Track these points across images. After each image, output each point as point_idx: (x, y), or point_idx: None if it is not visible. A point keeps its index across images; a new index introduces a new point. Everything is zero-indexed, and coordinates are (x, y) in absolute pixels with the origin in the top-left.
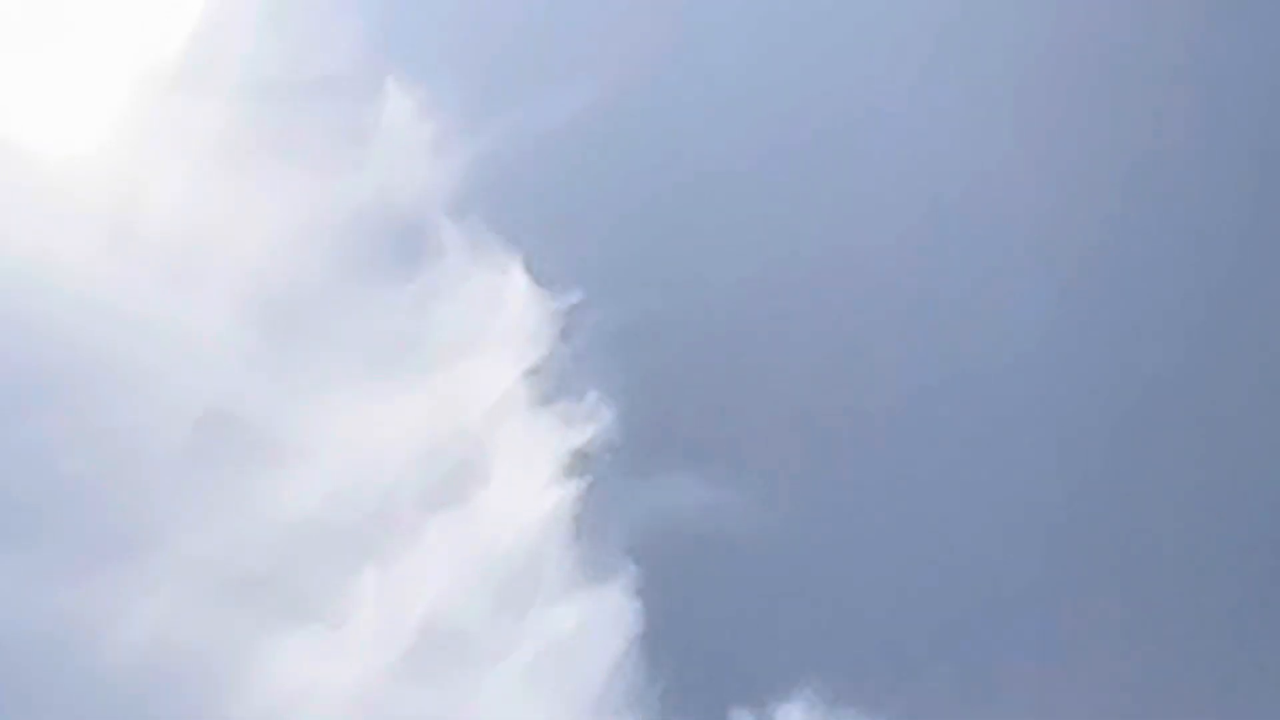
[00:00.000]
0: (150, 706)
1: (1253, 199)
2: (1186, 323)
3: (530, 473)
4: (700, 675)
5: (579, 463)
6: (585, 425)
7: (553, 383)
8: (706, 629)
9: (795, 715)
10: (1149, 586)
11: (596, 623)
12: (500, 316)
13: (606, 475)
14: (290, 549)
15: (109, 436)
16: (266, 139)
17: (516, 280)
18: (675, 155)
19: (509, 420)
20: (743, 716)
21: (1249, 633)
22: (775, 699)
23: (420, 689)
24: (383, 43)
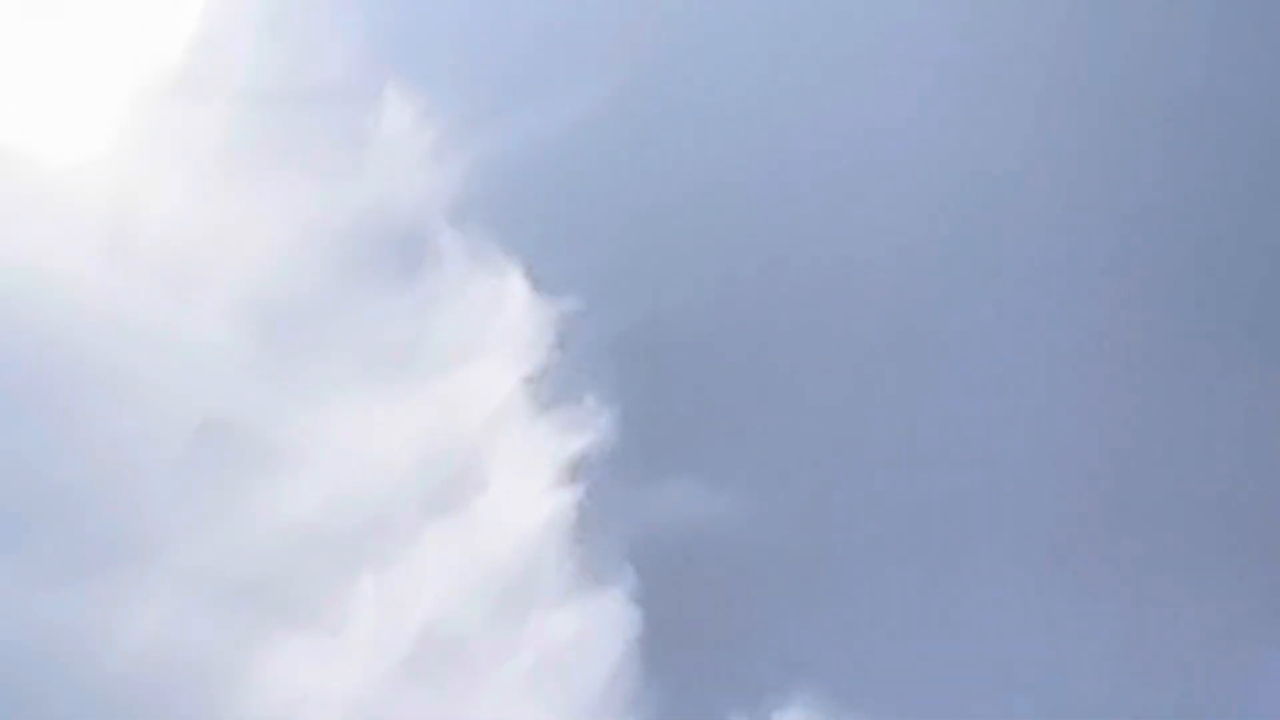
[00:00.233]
0: (148, 714)
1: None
2: (1203, 333)
3: (529, 478)
4: (699, 681)
5: (578, 469)
6: (584, 431)
7: (552, 389)
8: (705, 635)
9: None
10: (1152, 592)
11: (595, 628)
12: (499, 323)
13: (605, 481)
14: (288, 555)
15: (107, 443)
16: (266, 145)
17: (515, 287)
18: (675, 162)
19: (508, 426)
20: None
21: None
22: (773, 705)
23: (419, 695)
24: (382, 49)
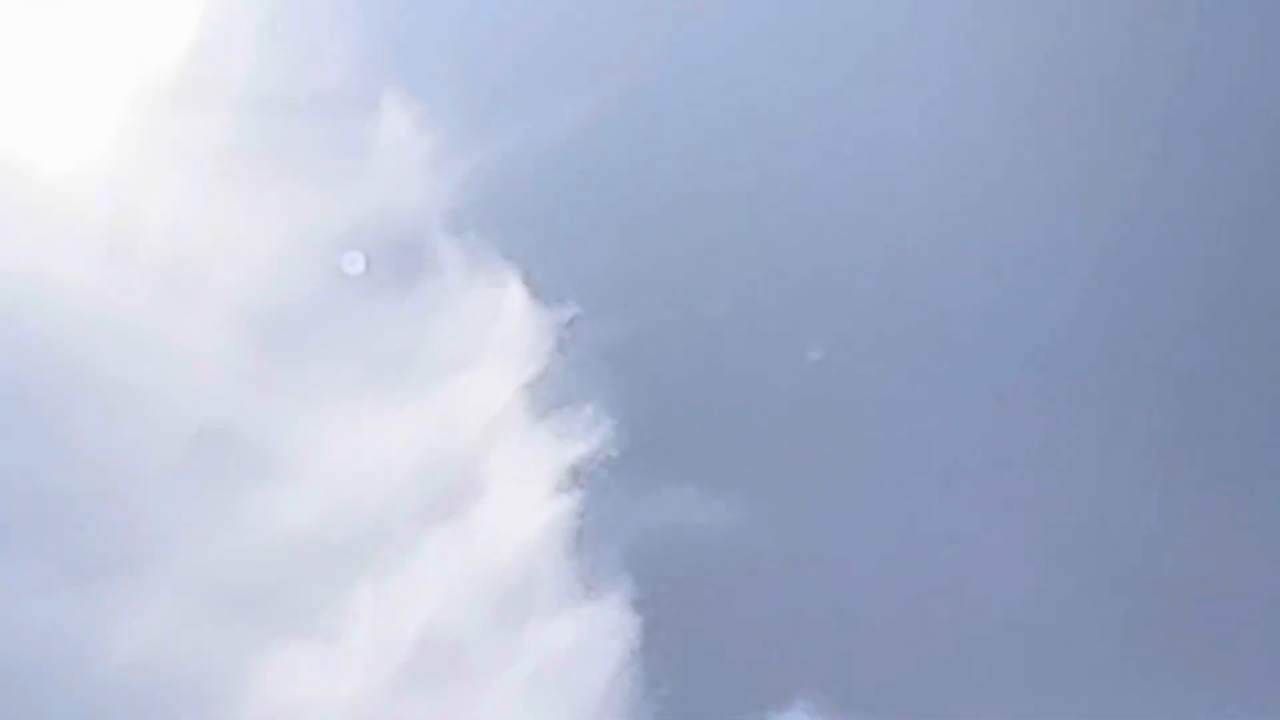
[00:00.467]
0: None
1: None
2: (1208, 350)
3: (528, 486)
4: (699, 688)
5: (577, 476)
6: (583, 439)
7: (551, 396)
8: (705, 642)
9: None
10: (1155, 603)
11: (594, 636)
12: (498, 330)
13: (604, 489)
14: (286, 562)
15: (104, 451)
16: (264, 153)
17: (514, 294)
18: (675, 170)
19: (506, 433)
20: None
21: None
22: (774, 712)
23: (417, 702)
24: (380, 57)
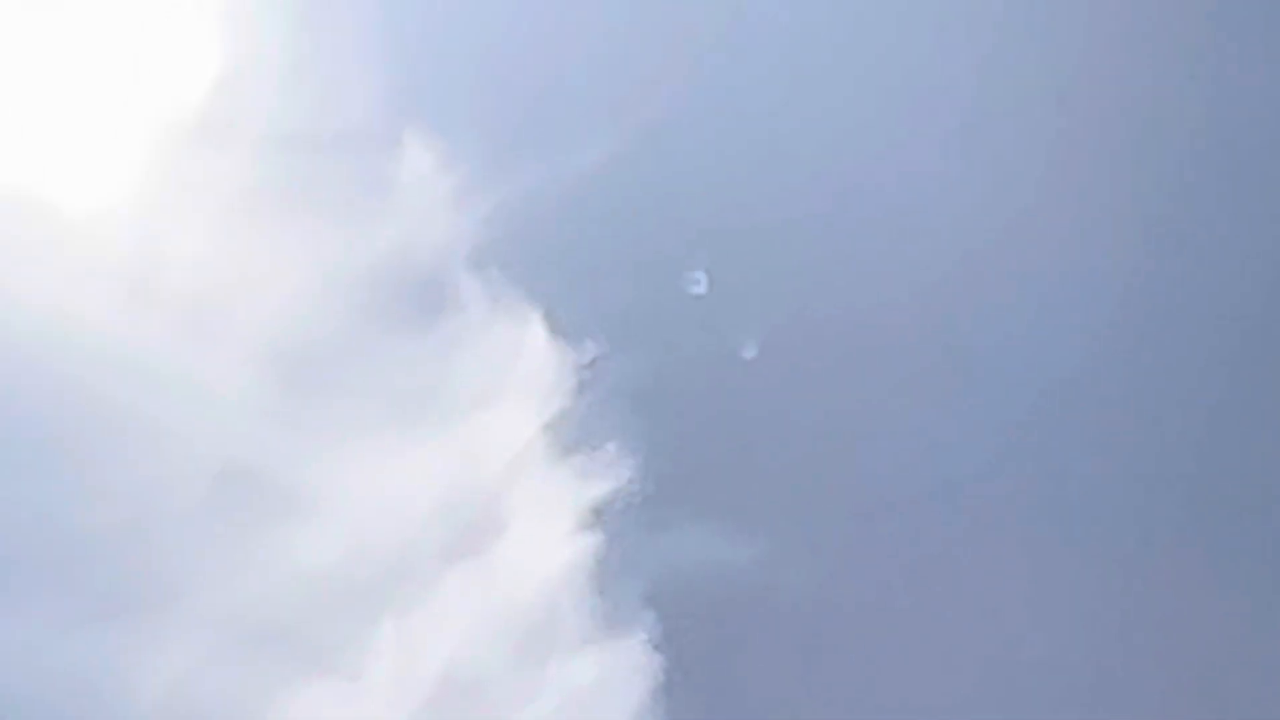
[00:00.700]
0: None
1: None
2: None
3: (549, 524)
4: None
5: (599, 514)
6: (605, 477)
7: (572, 435)
8: (727, 680)
9: None
10: (1179, 650)
11: (616, 674)
12: (519, 368)
13: (626, 527)
14: (309, 600)
15: (127, 490)
16: (286, 191)
17: (536, 332)
18: (697, 207)
19: (528, 471)
20: None
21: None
22: None
23: None
24: (403, 96)
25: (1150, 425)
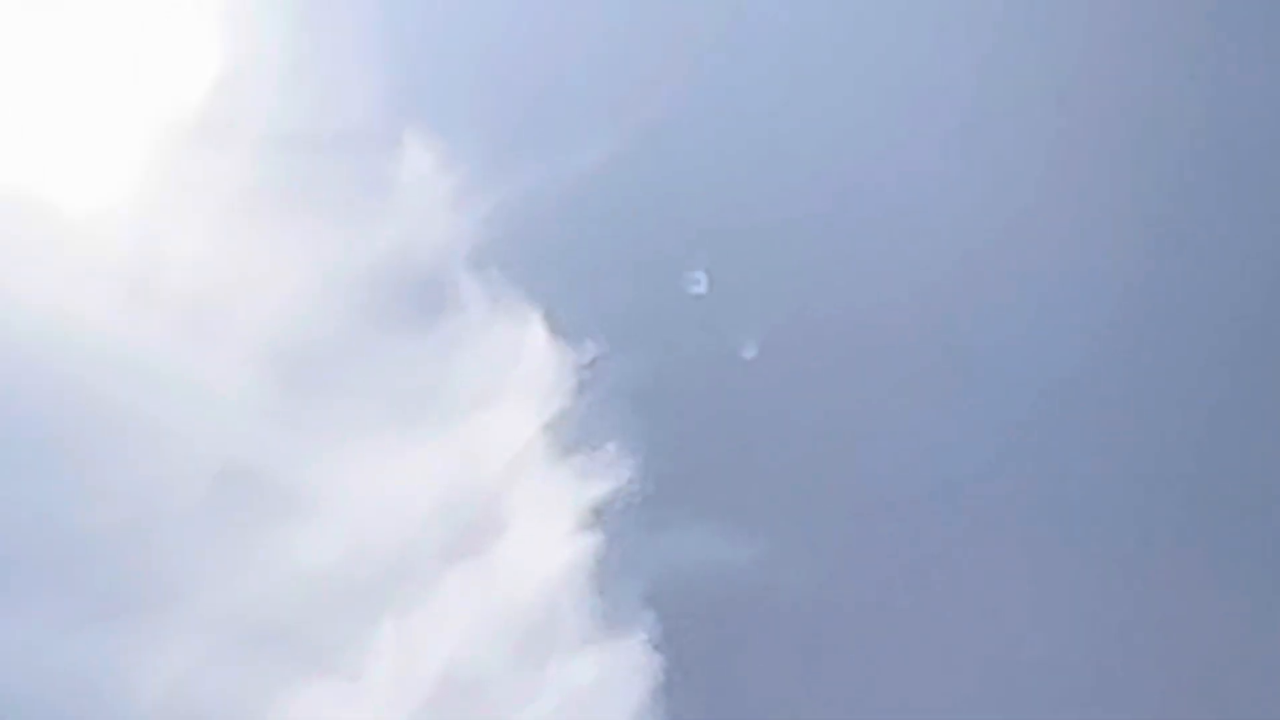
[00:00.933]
0: None
1: None
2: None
3: (549, 524)
4: None
5: (599, 514)
6: (605, 477)
7: (572, 435)
8: (728, 680)
9: None
10: (1182, 652)
11: (617, 674)
12: (519, 368)
13: (626, 527)
14: (308, 600)
15: (127, 490)
16: (286, 191)
17: (536, 333)
18: (697, 207)
19: (528, 471)
20: None
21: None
22: None
23: None
24: (402, 96)
25: (1150, 425)
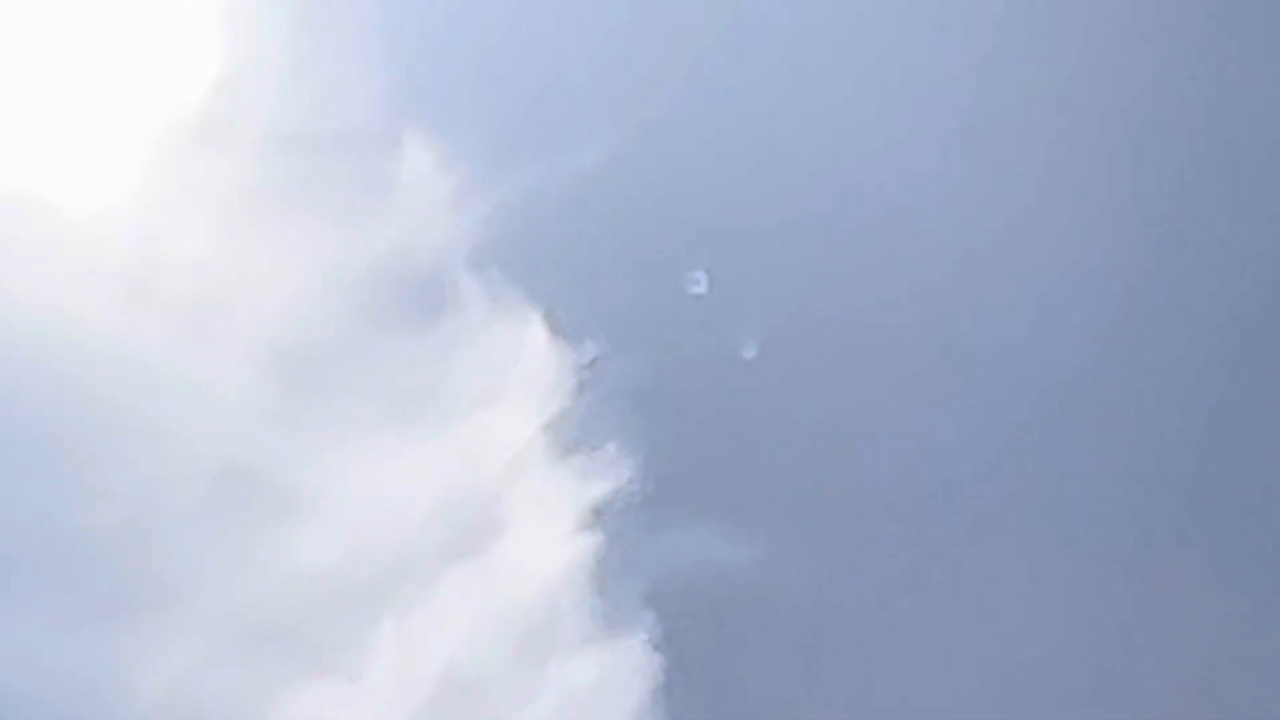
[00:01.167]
0: None
1: None
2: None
3: (549, 524)
4: None
5: (599, 514)
6: (605, 477)
7: (572, 435)
8: (728, 680)
9: None
10: (1181, 653)
11: (617, 674)
12: (519, 368)
13: (626, 527)
14: (308, 601)
15: (127, 490)
16: (287, 191)
17: (536, 333)
18: (697, 207)
19: (528, 472)
20: None
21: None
22: None
23: None
24: (402, 96)
25: (1150, 425)
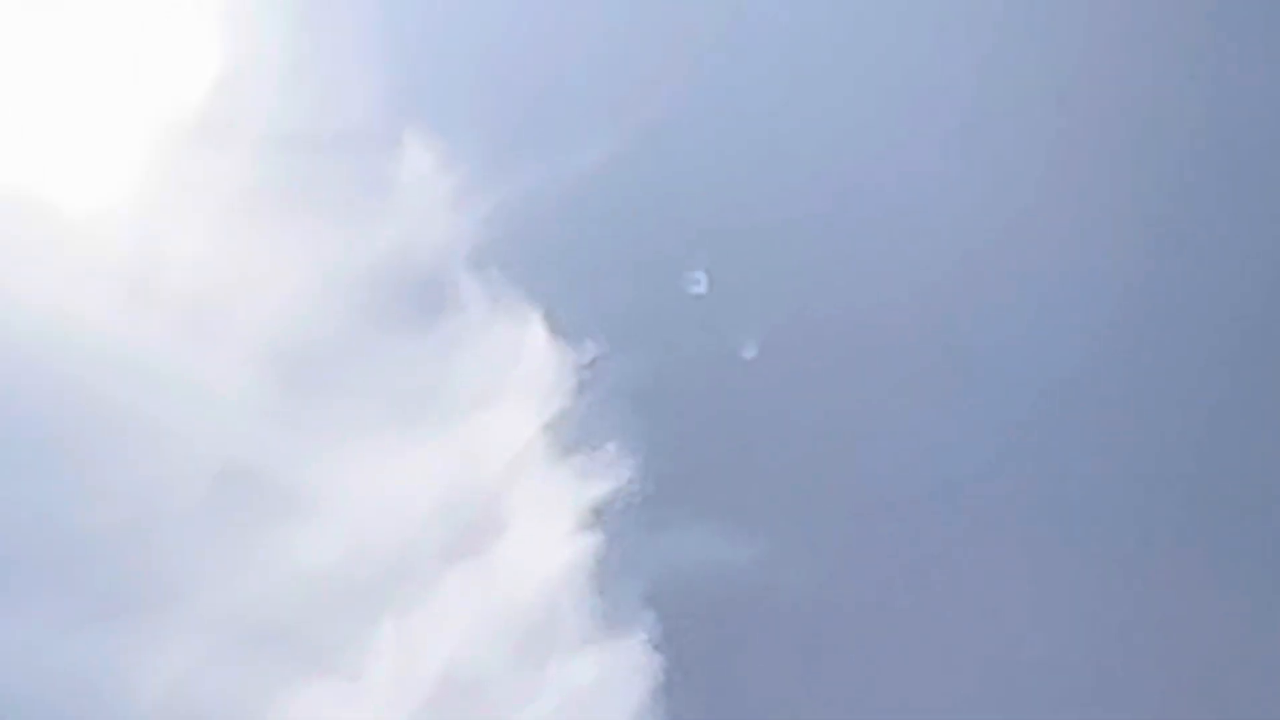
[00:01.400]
0: None
1: None
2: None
3: (549, 524)
4: None
5: (599, 514)
6: (605, 477)
7: (572, 435)
8: (728, 680)
9: None
10: (1181, 654)
11: (617, 674)
12: (519, 368)
13: (626, 527)
14: (308, 601)
15: (127, 490)
16: (287, 191)
17: (536, 333)
18: (697, 207)
19: (528, 472)
20: None
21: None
22: None
23: None
24: (402, 96)
25: (1150, 425)
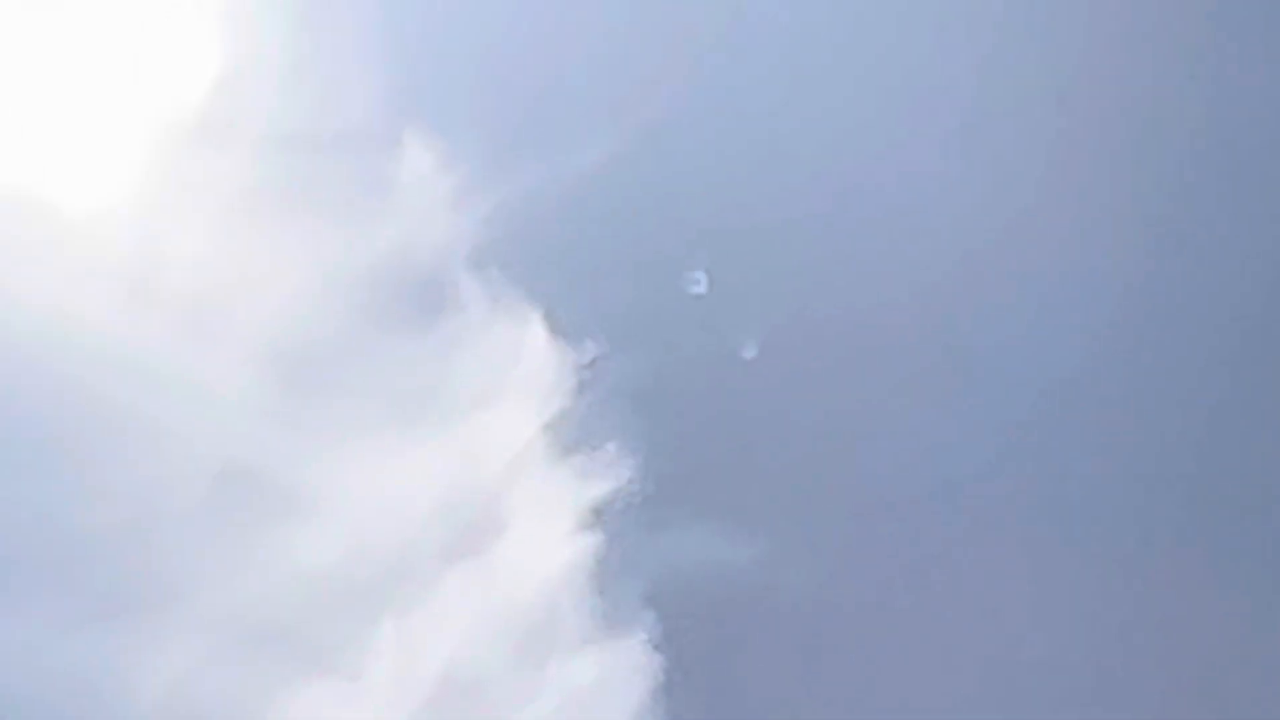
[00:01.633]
0: None
1: None
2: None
3: (549, 524)
4: None
5: (599, 514)
6: (605, 477)
7: (572, 435)
8: (728, 680)
9: None
10: (1182, 654)
11: (617, 674)
12: (520, 368)
13: (626, 527)
14: (308, 601)
15: (127, 490)
16: (287, 191)
17: (536, 333)
18: (697, 207)
19: (528, 472)
20: None
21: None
22: None
23: None
24: (402, 96)
25: (1150, 425)
